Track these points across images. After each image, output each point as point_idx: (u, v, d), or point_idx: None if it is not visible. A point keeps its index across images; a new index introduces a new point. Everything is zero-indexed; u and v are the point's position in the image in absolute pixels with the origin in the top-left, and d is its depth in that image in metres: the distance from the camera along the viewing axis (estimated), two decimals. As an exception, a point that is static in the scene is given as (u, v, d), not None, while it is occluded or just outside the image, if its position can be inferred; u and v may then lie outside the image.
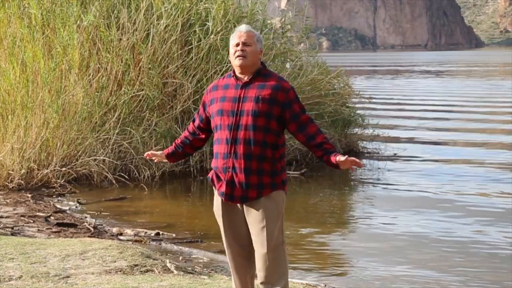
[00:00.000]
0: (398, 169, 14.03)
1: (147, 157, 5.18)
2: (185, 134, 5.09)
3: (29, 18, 13.35)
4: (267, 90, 4.70)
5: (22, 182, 11.79)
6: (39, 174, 12.00)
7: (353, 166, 4.66)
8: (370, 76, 57.37)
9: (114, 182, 12.00)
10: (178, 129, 13.03)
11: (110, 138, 12.51)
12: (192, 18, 13.57)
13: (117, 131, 12.56)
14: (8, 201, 10.78)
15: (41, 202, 10.81)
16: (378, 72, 66.81)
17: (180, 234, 9.13)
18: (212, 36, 13.27)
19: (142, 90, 12.99)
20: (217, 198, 4.84)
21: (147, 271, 6.49)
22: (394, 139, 17.37)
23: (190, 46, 13.40)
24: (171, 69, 13.23)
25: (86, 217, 10.02)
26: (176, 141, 5.13)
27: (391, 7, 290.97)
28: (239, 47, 4.73)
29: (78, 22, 13.14)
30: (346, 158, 4.62)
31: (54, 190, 11.69)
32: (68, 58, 12.93)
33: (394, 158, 15.19)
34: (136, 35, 13.17)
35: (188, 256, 8.07)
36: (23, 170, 11.91)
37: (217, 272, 7.14)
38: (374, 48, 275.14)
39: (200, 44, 13.32)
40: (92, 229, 9.05)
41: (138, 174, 12.50)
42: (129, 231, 9.11)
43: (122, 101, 12.84)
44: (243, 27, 4.83)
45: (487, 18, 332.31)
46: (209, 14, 13.57)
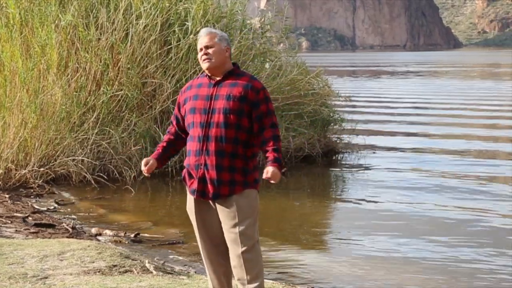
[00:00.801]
0: (377, 167, 14.09)
1: (147, 173, 5.16)
2: (168, 136, 5.10)
3: (6, 18, 13.27)
4: (239, 88, 4.75)
5: (0, 182, 11.71)
6: (17, 175, 11.92)
7: (271, 180, 4.70)
8: (349, 76, 57.56)
9: (93, 182, 11.94)
10: (157, 129, 13.00)
11: (89, 138, 12.45)
12: (171, 18, 13.54)
13: (96, 131, 12.51)
14: (-15, 201, 10.70)
15: (19, 202, 10.74)
16: (357, 72, 67.06)
17: (159, 234, 9.11)
18: (191, 36, 13.25)
19: (121, 90, 12.94)
20: (189, 196, 4.91)
21: (126, 272, 6.46)
22: (373, 138, 17.47)
23: (169, 46, 13.37)
24: (150, 69, 13.20)
25: (64, 217, 9.96)
26: (160, 145, 5.13)
27: (370, 8, 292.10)
28: (203, 51, 4.82)
29: (57, 22, 13.07)
30: (265, 174, 4.68)
31: (32, 191, 11.62)
32: (46, 58, 12.86)
33: (373, 157, 15.25)
34: (115, 35, 13.12)
35: (167, 256, 8.05)
36: (1, 170, 11.83)
37: (196, 272, 7.13)
38: (353, 48, 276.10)
39: (179, 44, 13.30)
40: (70, 229, 9.00)
41: (117, 174, 12.45)
42: (108, 232, 9.07)
43: (101, 101, 12.79)
44: (203, 31, 4.91)
45: (465, 19, 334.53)
46: (188, 14, 13.55)
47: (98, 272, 6.36)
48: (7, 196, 11.05)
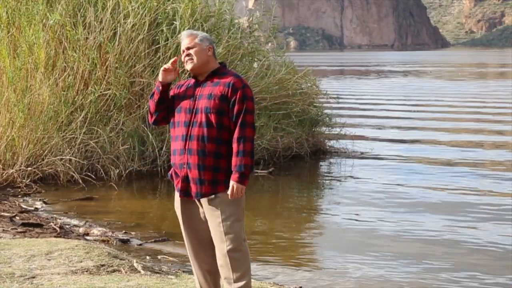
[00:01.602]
0: (365, 167, 14.12)
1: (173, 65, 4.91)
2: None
3: (-6, 17, 13.21)
4: (220, 87, 4.79)
5: (-13, 182, 11.67)
6: (4, 174, 11.88)
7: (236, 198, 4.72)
8: (337, 75, 57.64)
9: (80, 181, 11.91)
10: (145, 128, 12.98)
11: (77, 138, 12.42)
12: (159, 17, 13.52)
13: (83, 131, 12.48)
14: (-28, 201, 10.66)
15: (6, 202, 10.69)
16: (345, 72, 67.16)
17: (147, 233, 9.11)
18: (179, 35, 13.22)
19: (109, 89, 12.92)
20: (176, 195, 4.94)
21: (114, 271, 6.45)
22: (361, 138, 17.51)
23: (157, 46, 13.35)
24: (138, 68, 13.17)
25: (52, 217, 9.94)
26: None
27: (358, 7, 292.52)
28: (185, 53, 4.88)
29: (44, 21, 13.03)
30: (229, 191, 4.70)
31: (19, 190, 11.58)
32: (34, 57, 12.82)
33: (361, 156, 15.29)
34: (103, 34, 13.09)
35: (155, 255, 8.05)
36: (-12, 170, 11.79)
37: (184, 271, 7.13)
38: (341, 48, 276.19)
39: (167, 43, 13.28)
40: (58, 229, 8.98)
41: (105, 173, 12.43)
42: (95, 231, 9.05)
43: (89, 100, 12.75)
44: (184, 34, 4.96)
45: (453, 18, 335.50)
46: (176, 13, 13.53)
47: (86, 271, 6.35)
48: (-6, 195, 11.01)
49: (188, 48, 4.87)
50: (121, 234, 8.96)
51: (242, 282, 4.74)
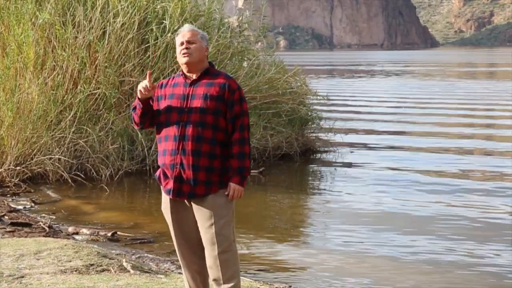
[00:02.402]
0: (354, 166, 14.14)
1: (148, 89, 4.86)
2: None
3: (-18, 16, 13.17)
4: (215, 88, 4.74)
5: (-24, 181, 11.63)
6: (-7, 173, 11.84)
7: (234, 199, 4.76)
8: (327, 75, 57.70)
9: (70, 181, 11.88)
10: (134, 127, 12.95)
11: (66, 137, 12.39)
12: (149, 16, 13.51)
13: (73, 130, 12.45)
14: (-39, 200, 10.62)
15: (-5, 201, 10.67)
16: (335, 71, 67.23)
17: (136, 233, 9.09)
18: (169, 34, 13.23)
19: (99, 88, 12.89)
20: (164, 196, 4.91)
21: (103, 271, 6.44)
22: (350, 137, 17.54)
23: (147, 45, 13.34)
24: (128, 67, 13.15)
25: (41, 216, 9.91)
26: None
27: (348, 7, 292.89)
28: (184, 45, 4.79)
29: (33, 20, 12.99)
30: (228, 195, 4.73)
31: (8, 189, 11.54)
32: (23, 56, 12.78)
33: (350, 156, 15.31)
34: (92, 33, 13.07)
35: (144, 255, 8.03)
36: (-23, 169, 11.75)
37: (173, 271, 7.12)
38: (331, 47, 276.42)
39: (157, 42, 13.27)
40: (47, 228, 8.95)
41: (94, 173, 12.40)
42: (85, 231, 9.04)
43: (78, 99, 12.72)
44: (186, 27, 4.89)
45: (442, 18, 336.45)
46: (166, 12, 13.53)
47: (75, 271, 6.33)
48: (-17, 195, 10.98)
49: (188, 41, 4.79)
50: (110, 234, 8.94)
51: (232, 283, 4.73)
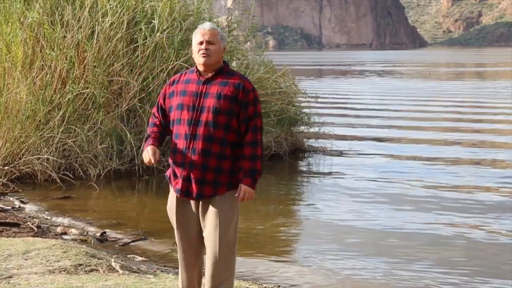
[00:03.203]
0: (343, 166, 14.16)
1: (155, 162, 4.80)
2: (155, 128, 4.88)
3: (-30, 15, 13.12)
4: (230, 87, 4.68)
5: (-36, 181, 11.59)
6: (-19, 173, 11.80)
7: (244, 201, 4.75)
8: (316, 75, 57.77)
9: (58, 181, 11.85)
10: (123, 127, 12.94)
11: (55, 137, 12.36)
12: (137, 16, 13.48)
13: (61, 130, 12.42)
14: (-51, 200, 10.58)
15: (-17, 201, 10.64)
16: (323, 71, 67.32)
17: (125, 233, 9.08)
18: (158, 34, 13.21)
19: (87, 88, 12.86)
20: (172, 195, 4.82)
21: (92, 271, 6.43)
22: (339, 137, 17.57)
23: (135, 44, 13.31)
24: (117, 67, 13.12)
25: (29, 216, 9.88)
26: (151, 130, 4.86)
27: (337, 7, 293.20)
28: (203, 46, 4.71)
29: (22, 19, 12.95)
30: (238, 196, 4.71)
31: (-4, 189, 11.51)
32: (11, 56, 12.75)
33: (339, 155, 15.34)
34: (80, 33, 13.03)
35: (133, 255, 8.02)
36: (-35, 169, 11.70)
37: (162, 271, 7.12)
38: (320, 47, 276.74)
39: (146, 42, 13.25)
40: (35, 228, 8.93)
41: (83, 172, 12.38)
42: (73, 230, 9.02)
43: (67, 99, 12.69)
44: (207, 25, 4.80)
45: (430, 18, 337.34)
46: (155, 12, 13.51)
47: (64, 271, 6.32)
48: (-29, 195, 10.93)
49: (208, 42, 4.71)
50: (99, 233, 8.93)
51: (228, 283, 4.74)
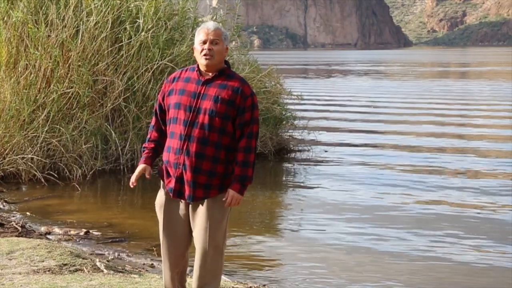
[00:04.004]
0: (328, 166, 14.20)
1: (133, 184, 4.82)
2: (153, 134, 4.87)
3: (-46, 13, 13.04)
4: (228, 91, 4.62)
5: None
6: (-35, 173, 11.75)
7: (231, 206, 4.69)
8: (301, 74, 57.83)
9: (42, 180, 11.82)
10: (108, 126, 12.92)
11: (39, 136, 12.32)
12: (122, 15, 13.46)
13: (46, 129, 12.38)
14: None
15: (-33, 201, 10.59)
16: (308, 70, 67.41)
17: (110, 232, 9.06)
18: (143, 33, 13.20)
19: (72, 87, 12.83)
20: (160, 194, 4.79)
21: (77, 271, 6.42)
22: (324, 136, 17.61)
23: (120, 43, 13.29)
24: (101, 66, 13.10)
25: (13, 216, 9.85)
26: (147, 145, 4.86)
27: (321, 6, 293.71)
28: (207, 46, 4.67)
29: (6, 18, 12.90)
30: (226, 200, 4.65)
31: (-20, 189, 11.46)
32: (-5, 55, 12.69)
33: (324, 155, 15.37)
34: (65, 32, 13.00)
35: (118, 255, 8.01)
36: None
37: (148, 271, 7.11)
38: (305, 46, 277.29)
39: (130, 41, 13.23)
40: (19, 228, 8.90)
41: (67, 172, 12.34)
42: (58, 230, 8.99)
43: (51, 98, 12.65)
44: (211, 24, 4.75)
45: (415, 18, 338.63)
46: (140, 11, 13.49)
47: (48, 271, 6.31)
48: (-45, 194, 10.88)
49: (212, 41, 4.66)
50: (83, 233, 8.91)
51: (215, 284, 4.74)
